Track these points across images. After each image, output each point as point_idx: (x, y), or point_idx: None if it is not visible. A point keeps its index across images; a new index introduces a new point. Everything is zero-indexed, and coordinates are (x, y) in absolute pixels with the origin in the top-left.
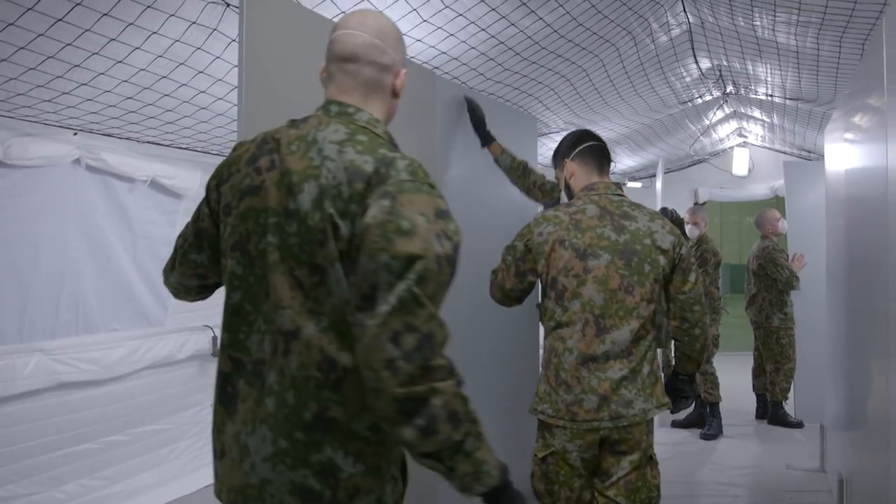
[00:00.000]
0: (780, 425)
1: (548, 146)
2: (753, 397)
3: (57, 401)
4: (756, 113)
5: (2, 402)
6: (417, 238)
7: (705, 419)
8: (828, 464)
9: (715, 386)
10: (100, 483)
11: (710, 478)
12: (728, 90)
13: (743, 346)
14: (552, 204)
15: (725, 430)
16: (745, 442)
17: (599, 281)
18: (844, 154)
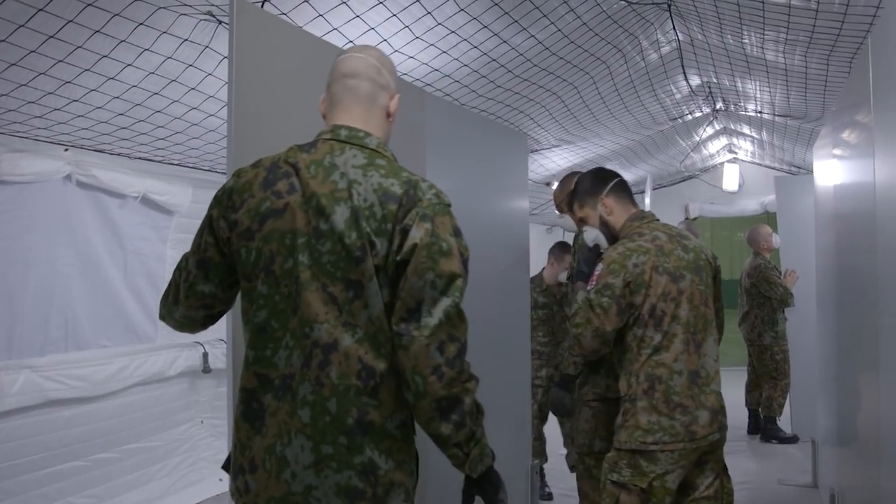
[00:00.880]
0: (774, 441)
1: (539, 163)
2: (745, 412)
3: (45, 418)
4: (746, 129)
5: None
6: (454, 258)
7: None
8: (820, 479)
9: None
10: (88, 501)
11: None
12: (718, 107)
13: (736, 362)
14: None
15: None
16: (737, 458)
17: (689, 300)
18: (833, 170)
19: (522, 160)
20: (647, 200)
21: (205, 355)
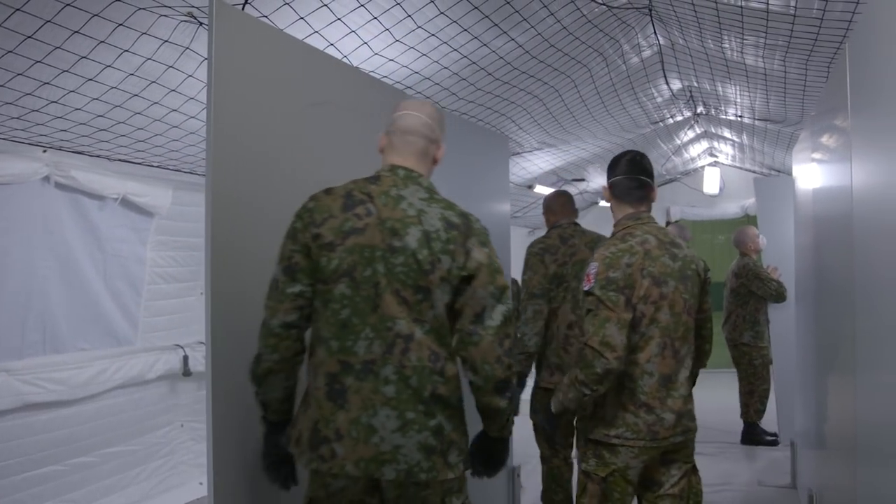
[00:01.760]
0: (755, 444)
1: (521, 165)
2: (730, 415)
3: (22, 422)
4: (726, 133)
5: None
6: (502, 273)
7: None
8: (799, 480)
9: None
10: None
11: None
12: (699, 110)
13: (721, 364)
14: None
15: (699, 448)
16: (718, 460)
17: (670, 306)
18: (811, 173)
19: (504, 163)
20: None
21: (185, 358)
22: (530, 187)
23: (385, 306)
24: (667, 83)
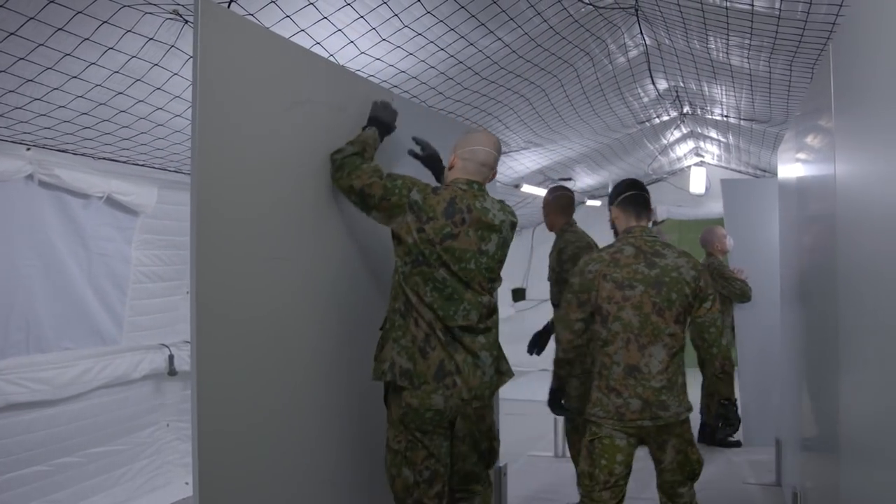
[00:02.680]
0: (716, 445)
1: (508, 164)
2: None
3: (6, 422)
4: (712, 133)
5: None
6: None
7: None
8: (784, 478)
9: None
10: None
11: None
12: (685, 110)
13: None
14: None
15: None
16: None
17: (635, 306)
18: (796, 173)
19: None
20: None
21: (170, 358)
22: (517, 186)
23: (477, 287)
24: (653, 83)
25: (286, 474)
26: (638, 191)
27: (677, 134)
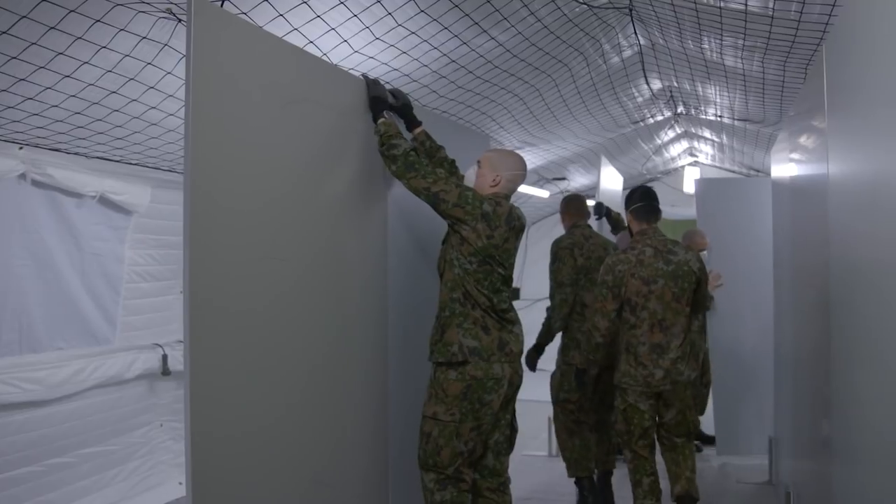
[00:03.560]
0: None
1: None
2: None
3: None
4: (706, 133)
5: None
6: None
7: None
8: (777, 476)
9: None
10: None
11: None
12: (679, 110)
13: None
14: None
15: None
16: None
17: (658, 297)
18: (790, 173)
19: None
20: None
21: (164, 357)
22: None
23: (510, 279)
24: (647, 83)
25: (280, 474)
26: (648, 202)
27: (671, 134)
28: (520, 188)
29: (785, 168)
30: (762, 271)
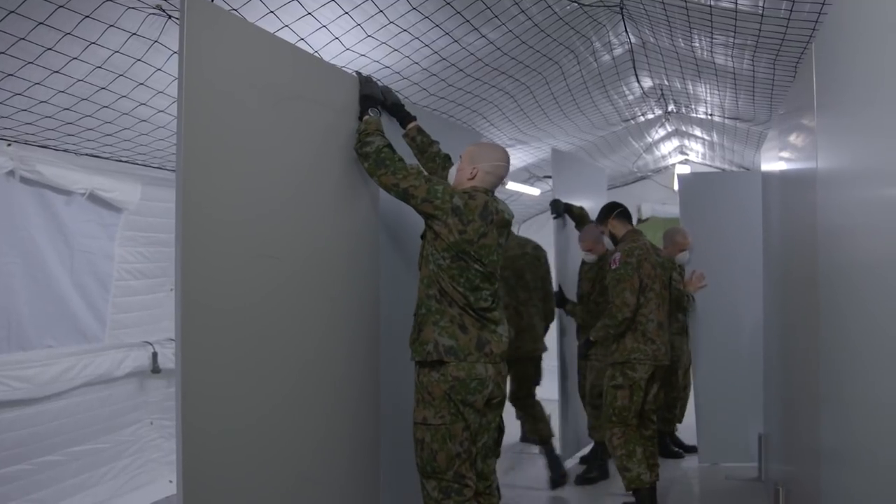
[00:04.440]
0: (668, 457)
1: None
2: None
3: None
4: (697, 131)
5: None
6: None
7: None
8: (766, 474)
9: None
10: None
11: None
12: (669, 109)
13: None
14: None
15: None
16: (689, 455)
17: (659, 280)
18: (779, 171)
19: None
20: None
21: (154, 355)
22: (503, 184)
23: (493, 276)
24: (638, 81)
25: (271, 472)
26: (624, 208)
27: (662, 132)
28: (509, 185)
29: (775, 166)
30: (747, 268)
